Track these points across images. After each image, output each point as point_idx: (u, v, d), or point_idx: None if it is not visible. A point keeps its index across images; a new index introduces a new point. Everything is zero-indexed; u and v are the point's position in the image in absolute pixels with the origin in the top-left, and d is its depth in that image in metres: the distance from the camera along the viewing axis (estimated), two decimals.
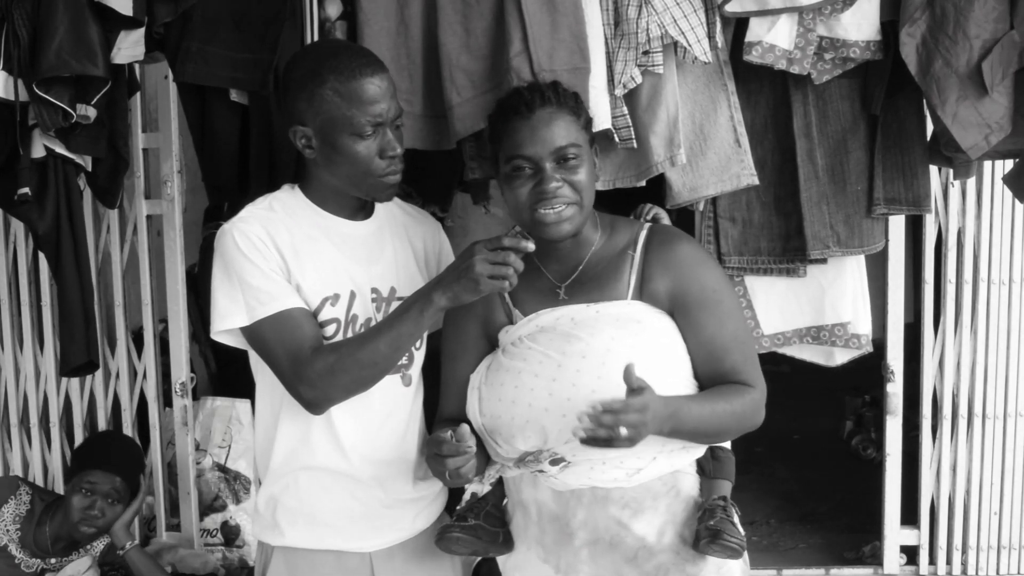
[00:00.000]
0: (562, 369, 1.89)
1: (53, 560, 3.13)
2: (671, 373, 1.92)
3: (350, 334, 1.99)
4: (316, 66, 1.96)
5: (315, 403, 1.93)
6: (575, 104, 1.99)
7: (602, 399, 1.74)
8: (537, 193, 1.90)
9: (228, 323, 1.95)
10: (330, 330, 1.98)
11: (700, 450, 2.03)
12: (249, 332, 1.95)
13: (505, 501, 2.10)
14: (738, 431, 2.00)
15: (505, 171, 1.95)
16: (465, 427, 1.83)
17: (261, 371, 2.03)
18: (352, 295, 2.01)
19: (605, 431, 1.72)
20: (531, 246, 1.81)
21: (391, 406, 2.04)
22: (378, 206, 2.10)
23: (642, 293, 1.97)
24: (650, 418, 1.76)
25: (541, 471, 1.95)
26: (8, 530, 3.13)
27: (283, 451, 2.03)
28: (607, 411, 1.72)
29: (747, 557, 2.04)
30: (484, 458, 2.02)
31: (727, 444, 2.09)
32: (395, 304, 2.02)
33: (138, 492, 3.21)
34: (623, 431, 1.72)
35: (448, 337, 2.07)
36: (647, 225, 2.06)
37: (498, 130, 1.98)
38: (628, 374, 1.75)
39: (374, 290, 2.04)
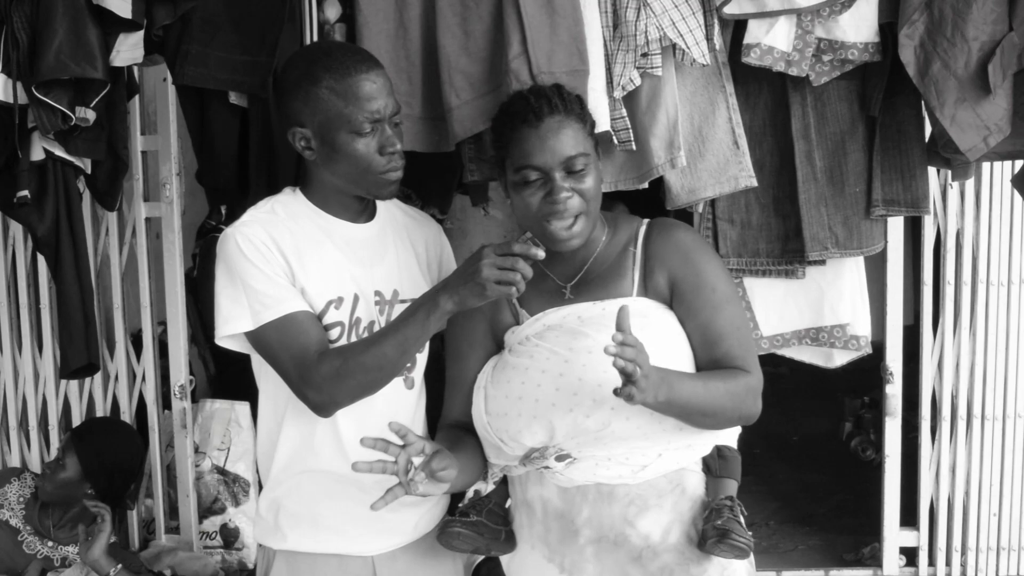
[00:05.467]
0: (569, 364, 1.89)
1: (51, 544, 3.15)
2: (676, 367, 1.91)
3: (354, 337, 1.99)
4: (311, 66, 1.96)
5: (322, 406, 1.93)
6: (581, 110, 1.98)
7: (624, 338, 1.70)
8: (548, 203, 1.90)
9: (232, 328, 1.94)
10: (334, 333, 1.98)
11: (706, 448, 2.02)
12: (254, 337, 1.95)
13: (508, 501, 2.10)
14: (734, 413, 1.96)
15: (514, 180, 1.94)
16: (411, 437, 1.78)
17: (264, 375, 2.03)
18: (356, 298, 2.00)
19: (630, 364, 1.68)
20: (541, 254, 1.80)
21: (394, 409, 2.03)
22: (380, 209, 2.10)
23: (647, 288, 1.98)
24: (649, 370, 1.73)
25: (547, 467, 1.95)
26: (13, 508, 3.18)
27: (286, 455, 2.03)
28: (624, 344, 1.68)
29: (753, 558, 2.04)
30: (481, 465, 2.03)
31: (733, 443, 2.09)
32: (398, 307, 2.02)
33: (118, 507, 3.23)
34: (642, 369, 1.69)
35: (454, 337, 2.06)
36: (646, 220, 2.06)
37: (505, 137, 1.97)
38: (622, 316, 1.72)
39: (377, 293, 2.03)
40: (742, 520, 1.97)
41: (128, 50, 2.47)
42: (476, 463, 2.01)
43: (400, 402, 2.05)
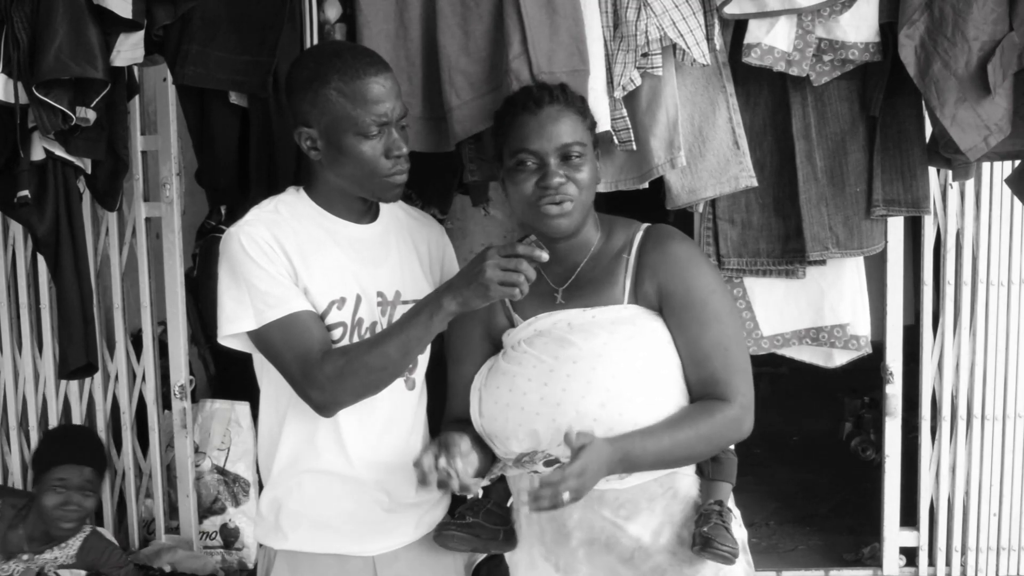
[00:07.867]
0: (553, 374, 1.90)
1: (25, 557, 3.14)
2: (662, 377, 1.92)
3: (356, 338, 1.99)
4: (320, 66, 1.96)
5: (325, 406, 1.93)
6: (582, 106, 2.01)
7: (541, 477, 1.77)
8: (540, 188, 1.92)
9: (235, 327, 1.94)
10: (336, 334, 1.98)
11: None
12: (257, 336, 1.94)
13: (510, 500, 2.10)
14: (710, 451, 1.97)
15: (509, 165, 1.96)
16: (463, 444, 1.88)
17: (266, 374, 2.03)
18: (358, 298, 2.00)
19: (548, 501, 1.72)
20: (544, 256, 1.81)
21: (395, 410, 2.04)
22: (383, 209, 2.10)
23: (637, 297, 1.97)
24: (591, 474, 1.75)
25: (536, 472, 1.95)
26: None
27: (287, 455, 2.03)
28: (545, 486, 1.72)
29: (751, 559, 2.04)
30: (489, 457, 2.03)
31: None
32: (400, 307, 2.02)
33: (102, 481, 3.31)
34: (565, 496, 1.72)
35: (453, 339, 2.08)
36: (644, 226, 2.06)
37: (504, 124, 1.99)
38: (568, 439, 1.76)
39: (379, 293, 2.03)
40: (730, 525, 1.96)
41: (128, 50, 2.47)
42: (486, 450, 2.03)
43: (401, 403, 2.05)
